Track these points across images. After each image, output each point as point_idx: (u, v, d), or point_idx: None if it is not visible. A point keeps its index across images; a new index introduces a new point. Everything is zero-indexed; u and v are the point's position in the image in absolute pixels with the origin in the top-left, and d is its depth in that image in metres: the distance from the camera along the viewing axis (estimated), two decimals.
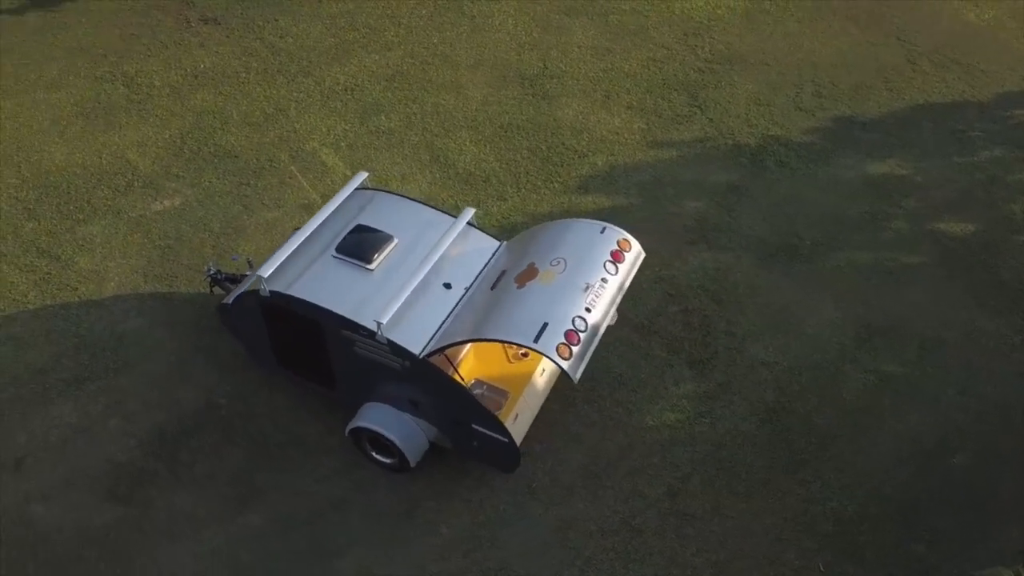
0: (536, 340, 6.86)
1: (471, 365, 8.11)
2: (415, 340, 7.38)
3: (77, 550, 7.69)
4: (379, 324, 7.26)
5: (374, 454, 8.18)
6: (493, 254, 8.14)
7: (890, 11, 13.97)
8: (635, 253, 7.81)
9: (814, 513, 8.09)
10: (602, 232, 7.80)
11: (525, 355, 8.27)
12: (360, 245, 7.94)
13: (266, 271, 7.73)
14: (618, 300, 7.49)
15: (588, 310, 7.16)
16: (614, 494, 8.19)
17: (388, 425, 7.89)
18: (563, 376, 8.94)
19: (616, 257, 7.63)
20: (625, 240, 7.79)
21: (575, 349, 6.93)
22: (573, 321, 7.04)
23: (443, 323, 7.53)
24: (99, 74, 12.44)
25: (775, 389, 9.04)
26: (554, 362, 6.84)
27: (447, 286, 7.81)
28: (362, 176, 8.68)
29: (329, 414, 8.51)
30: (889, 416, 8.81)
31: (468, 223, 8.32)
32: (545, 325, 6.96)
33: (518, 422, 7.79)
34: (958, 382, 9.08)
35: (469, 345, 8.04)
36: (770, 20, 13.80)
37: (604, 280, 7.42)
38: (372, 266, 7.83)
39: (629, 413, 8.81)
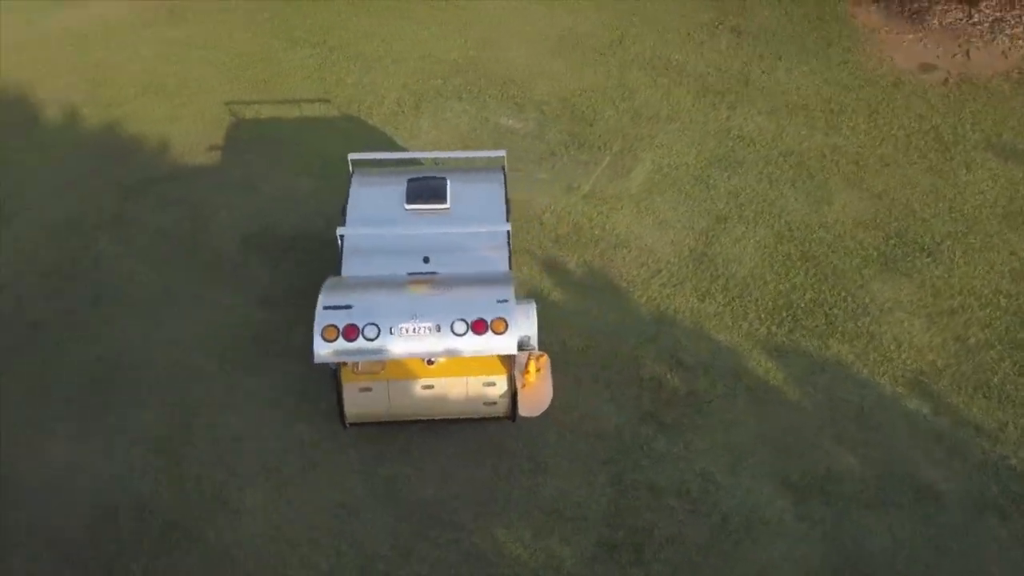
0: (324, 308, 6.92)
1: None
2: (354, 266, 7.96)
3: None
4: (340, 234, 8.09)
5: None
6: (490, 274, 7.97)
7: None
8: (502, 340, 7.04)
9: None
10: (498, 301, 6.96)
11: (431, 363, 7.91)
12: (421, 189, 8.64)
13: (354, 155, 8.96)
14: (437, 356, 7.03)
15: (391, 331, 6.80)
16: (423, 535, 7.82)
17: None
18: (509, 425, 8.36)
19: (477, 327, 6.97)
20: (501, 321, 6.82)
21: (342, 341, 7.08)
22: (365, 325, 6.82)
23: (383, 276, 7.84)
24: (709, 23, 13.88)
25: None
26: (313, 335, 6.84)
27: (425, 260, 8.03)
28: (500, 153, 9.32)
29: None
30: None
31: (507, 233, 8.39)
32: (348, 307, 6.95)
33: (365, 396, 7.80)
34: None
35: None
36: None
37: (436, 328, 6.98)
38: (407, 207, 8.44)
39: (530, 495, 8.08)
